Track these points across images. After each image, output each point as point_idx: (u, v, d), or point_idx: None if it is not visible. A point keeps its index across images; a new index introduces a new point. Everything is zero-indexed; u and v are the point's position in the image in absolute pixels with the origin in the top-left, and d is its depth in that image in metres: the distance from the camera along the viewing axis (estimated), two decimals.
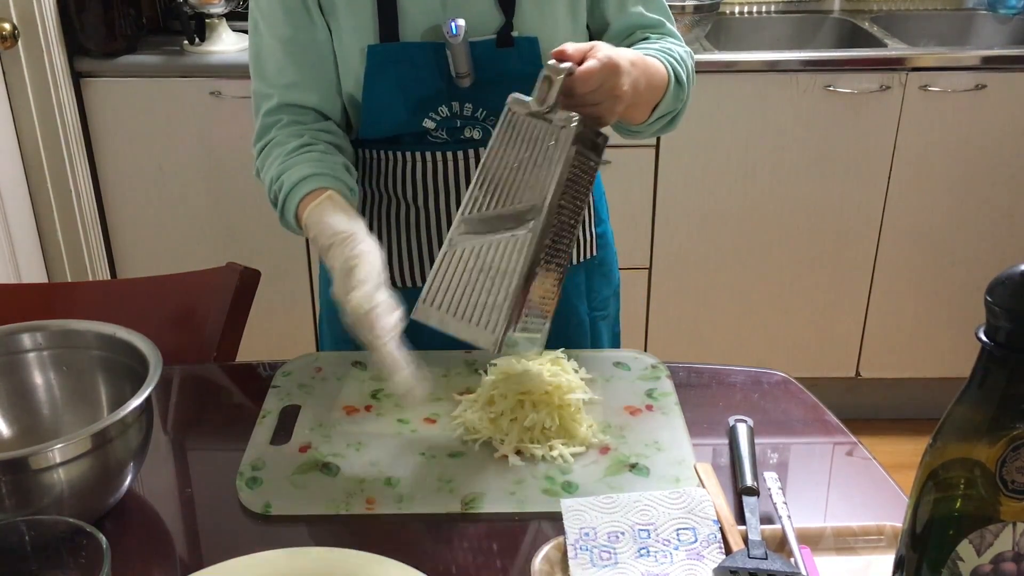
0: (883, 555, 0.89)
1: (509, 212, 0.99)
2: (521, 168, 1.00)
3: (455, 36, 1.13)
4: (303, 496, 0.98)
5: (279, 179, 1.16)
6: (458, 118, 1.20)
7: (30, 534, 0.79)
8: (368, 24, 1.16)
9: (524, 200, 0.99)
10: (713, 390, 1.19)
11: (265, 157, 1.20)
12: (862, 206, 2.47)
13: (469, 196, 1.00)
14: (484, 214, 0.99)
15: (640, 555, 0.88)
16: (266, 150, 1.20)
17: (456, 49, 1.14)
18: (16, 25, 2.27)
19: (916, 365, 2.65)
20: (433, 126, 1.20)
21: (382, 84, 1.17)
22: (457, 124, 1.21)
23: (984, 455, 0.63)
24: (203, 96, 2.38)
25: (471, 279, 0.98)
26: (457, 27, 1.13)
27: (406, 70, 1.17)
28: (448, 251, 0.99)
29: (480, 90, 1.18)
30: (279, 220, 1.20)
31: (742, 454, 1.01)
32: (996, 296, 0.60)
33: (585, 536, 0.89)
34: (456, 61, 1.15)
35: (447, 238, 1.00)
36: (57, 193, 2.43)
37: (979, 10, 2.77)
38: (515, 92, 1.02)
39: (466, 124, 1.21)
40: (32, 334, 1.05)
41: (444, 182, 1.24)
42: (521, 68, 1.18)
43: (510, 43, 1.17)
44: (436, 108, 1.19)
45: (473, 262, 0.98)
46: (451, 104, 1.19)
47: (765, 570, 0.85)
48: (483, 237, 0.99)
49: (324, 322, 1.41)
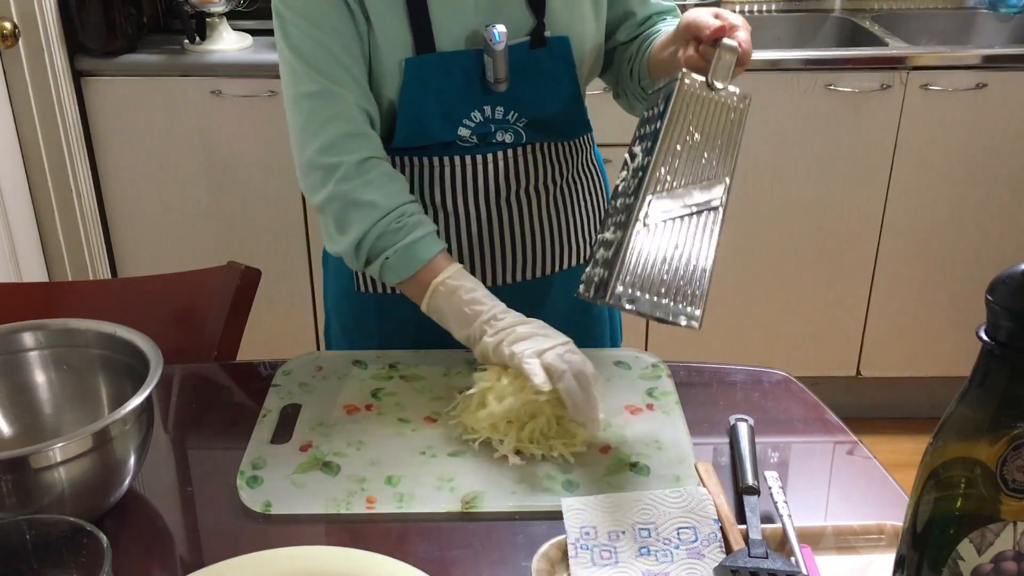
0: (884, 554, 0.89)
1: (695, 189, 0.99)
2: (702, 145, 1.00)
3: (498, 43, 1.13)
4: (304, 495, 0.98)
5: (413, 216, 1.13)
6: (491, 122, 1.20)
7: (31, 533, 0.79)
8: (403, 37, 1.14)
9: (706, 176, 1.00)
10: (714, 389, 1.19)
11: (372, 181, 1.14)
12: (863, 205, 2.47)
13: (651, 177, 0.97)
14: (672, 192, 0.98)
15: (641, 554, 0.88)
16: (372, 173, 1.14)
17: (498, 56, 1.14)
18: (17, 24, 2.27)
19: (917, 364, 2.64)
20: (468, 133, 1.20)
21: (420, 96, 1.17)
22: (491, 129, 1.21)
23: (985, 454, 0.63)
24: (204, 95, 2.38)
25: (666, 258, 0.96)
26: (500, 34, 1.13)
27: (443, 80, 1.16)
28: (641, 231, 0.96)
29: (512, 92, 1.18)
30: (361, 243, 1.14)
31: (743, 453, 1.01)
32: (997, 295, 0.60)
33: (586, 535, 0.89)
34: (496, 67, 1.15)
35: (636, 218, 0.96)
36: (58, 192, 2.43)
37: (980, 9, 2.77)
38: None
39: (499, 128, 1.21)
40: (33, 333, 1.05)
41: (473, 185, 1.23)
42: (553, 67, 1.19)
43: (543, 43, 1.18)
44: (469, 114, 1.19)
45: (667, 241, 0.96)
46: (483, 108, 1.19)
47: (766, 569, 0.85)
48: (673, 216, 0.97)
49: (332, 320, 1.40)
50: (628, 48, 1.28)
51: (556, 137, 1.25)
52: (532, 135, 1.23)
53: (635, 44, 1.27)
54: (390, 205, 1.13)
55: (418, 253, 1.12)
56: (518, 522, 0.94)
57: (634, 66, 1.27)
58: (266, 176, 2.45)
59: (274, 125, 2.40)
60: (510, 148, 1.22)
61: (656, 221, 0.97)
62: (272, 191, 2.47)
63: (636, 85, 1.28)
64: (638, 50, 1.26)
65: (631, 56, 1.27)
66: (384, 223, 1.12)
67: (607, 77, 1.34)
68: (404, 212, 1.13)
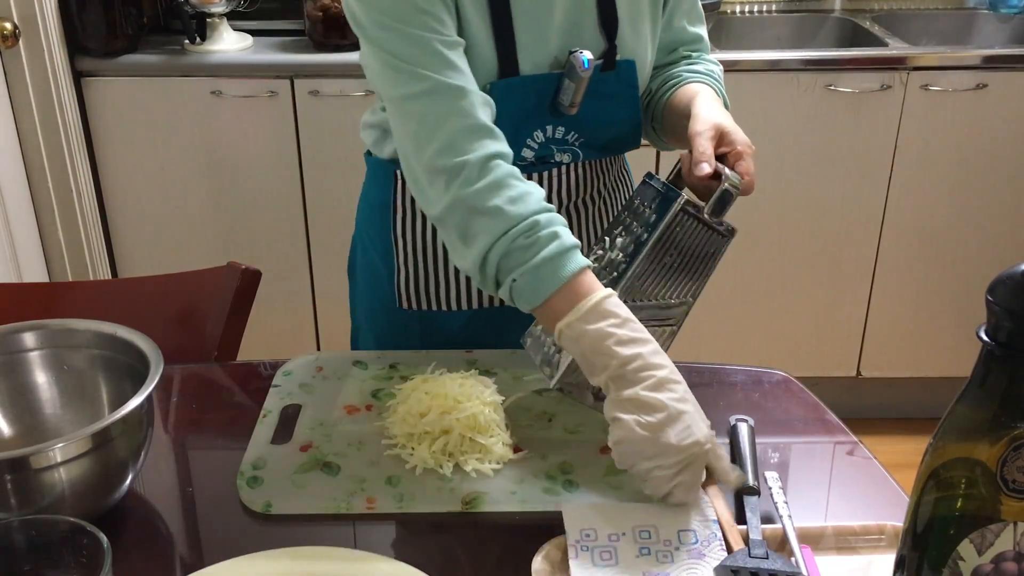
0: (884, 554, 0.89)
1: (660, 306, 1.05)
2: (680, 267, 1.05)
3: (587, 70, 1.12)
4: (304, 495, 0.98)
5: (550, 228, 0.99)
6: (552, 143, 1.19)
7: (31, 533, 0.79)
8: (489, 60, 1.12)
9: (673, 294, 1.05)
10: (714, 389, 1.19)
11: (499, 185, 1.01)
12: (863, 205, 2.47)
13: (624, 287, 1.02)
14: (637, 304, 1.03)
15: (641, 555, 0.88)
16: (495, 173, 1.02)
17: (581, 82, 1.13)
18: (17, 24, 2.27)
19: (917, 364, 2.64)
20: (531, 155, 1.19)
21: (500, 118, 1.10)
22: (552, 150, 1.20)
23: (985, 454, 0.63)
24: (204, 95, 2.38)
25: None
26: (588, 61, 1.12)
27: (518, 103, 1.15)
28: None
29: (585, 109, 1.17)
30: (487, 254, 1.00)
31: (743, 453, 1.01)
32: (997, 295, 0.60)
33: (586, 536, 0.89)
34: (576, 93, 1.15)
35: None
36: (58, 192, 2.43)
37: (980, 9, 2.77)
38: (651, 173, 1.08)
39: (558, 148, 1.20)
40: (33, 333, 1.05)
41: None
42: (619, 90, 1.19)
43: (613, 66, 1.17)
44: (533, 135, 1.18)
45: None
46: (546, 129, 1.18)
47: (766, 569, 0.85)
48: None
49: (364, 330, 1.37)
50: (649, 84, 1.27)
51: (608, 154, 1.25)
52: (588, 153, 1.22)
53: (655, 81, 1.26)
54: (521, 214, 0.99)
55: (552, 274, 0.97)
56: (518, 522, 0.94)
57: (650, 105, 1.26)
58: (266, 176, 2.45)
59: (274, 125, 2.40)
60: (565, 166, 1.21)
61: None
62: (272, 191, 2.47)
63: (648, 125, 1.28)
64: (658, 90, 1.25)
65: (650, 93, 1.26)
66: (511, 235, 0.99)
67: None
68: (537, 223, 0.99)
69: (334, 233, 2.46)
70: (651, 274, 1.04)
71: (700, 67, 1.25)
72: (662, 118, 1.25)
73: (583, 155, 1.22)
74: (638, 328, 0.95)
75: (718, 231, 1.05)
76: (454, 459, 1.02)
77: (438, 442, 1.02)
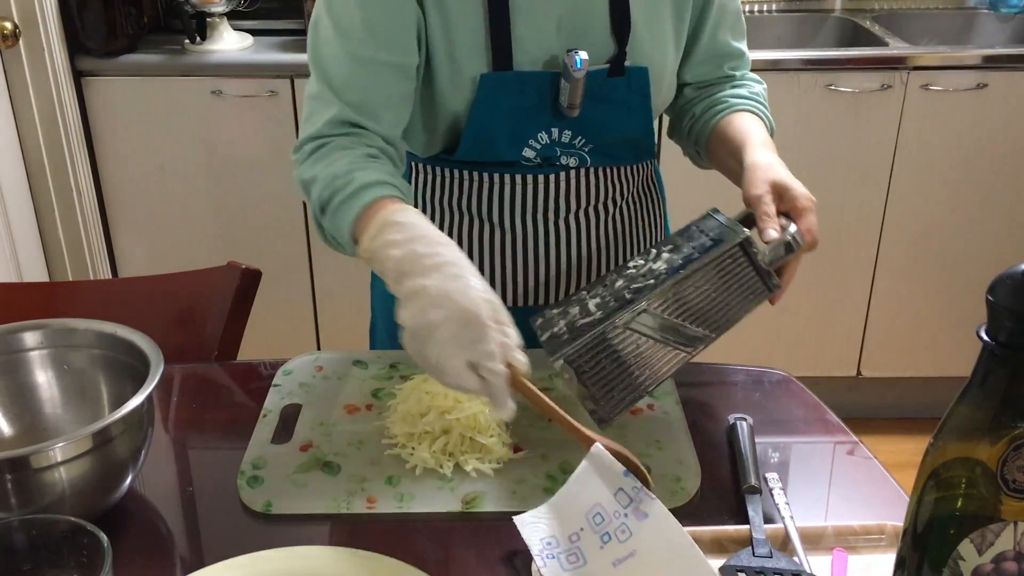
0: (884, 554, 0.89)
1: (684, 329, 1.01)
2: (716, 301, 1.02)
3: (579, 70, 1.11)
4: (304, 495, 0.98)
5: (348, 175, 1.02)
6: (556, 145, 1.18)
7: (31, 533, 0.79)
8: (482, 51, 1.11)
9: (701, 326, 1.01)
10: (714, 389, 1.19)
11: (321, 157, 1.07)
12: (863, 205, 2.47)
13: (659, 292, 0.99)
14: (664, 319, 1.00)
15: (604, 543, 0.86)
16: (323, 150, 1.08)
17: (576, 83, 1.12)
18: (17, 24, 2.27)
19: (917, 364, 2.64)
20: (533, 155, 1.18)
21: (489, 113, 1.14)
22: (556, 152, 1.19)
23: (985, 454, 0.63)
24: (204, 95, 2.38)
25: (619, 362, 0.98)
26: (582, 61, 1.11)
27: (515, 99, 1.14)
28: (615, 330, 0.98)
29: (582, 118, 1.16)
30: (319, 219, 1.07)
31: (743, 453, 1.01)
32: (997, 295, 0.60)
33: (548, 545, 0.87)
34: (572, 93, 1.13)
35: (619, 320, 0.97)
36: (58, 192, 2.43)
37: (980, 9, 2.77)
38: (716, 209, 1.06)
39: (563, 152, 1.19)
40: (33, 333, 1.05)
41: (533, 204, 1.21)
42: (629, 98, 1.17)
43: (622, 72, 1.15)
44: (536, 135, 1.17)
45: (630, 350, 0.98)
46: (551, 131, 1.17)
47: (771, 569, 0.85)
48: (648, 335, 0.99)
49: (379, 323, 1.38)
50: (692, 104, 1.26)
51: (620, 162, 1.23)
52: (597, 159, 1.20)
53: (699, 104, 1.25)
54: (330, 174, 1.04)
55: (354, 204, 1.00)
56: None
57: (694, 131, 1.25)
58: (266, 176, 2.45)
59: (275, 125, 2.40)
60: (573, 170, 1.20)
61: (634, 329, 0.98)
62: (272, 191, 2.47)
63: (691, 147, 1.27)
64: (702, 114, 1.23)
65: (693, 116, 1.25)
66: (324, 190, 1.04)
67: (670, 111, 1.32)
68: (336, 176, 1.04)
69: None
70: (688, 293, 1.01)
71: (744, 90, 1.23)
72: (707, 145, 1.23)
73: (591, 161, 1.20)
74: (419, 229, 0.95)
75: (766, 282, 1.03)
76: (454, 459, 1.02)
77: (438, 442, 1.02)
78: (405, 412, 1.04)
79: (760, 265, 1.02)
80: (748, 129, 1.16)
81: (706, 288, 1.01)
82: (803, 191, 1.05)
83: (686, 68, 1.24)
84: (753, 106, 1.22)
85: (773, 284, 1.03)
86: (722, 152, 1.20)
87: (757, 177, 1.05)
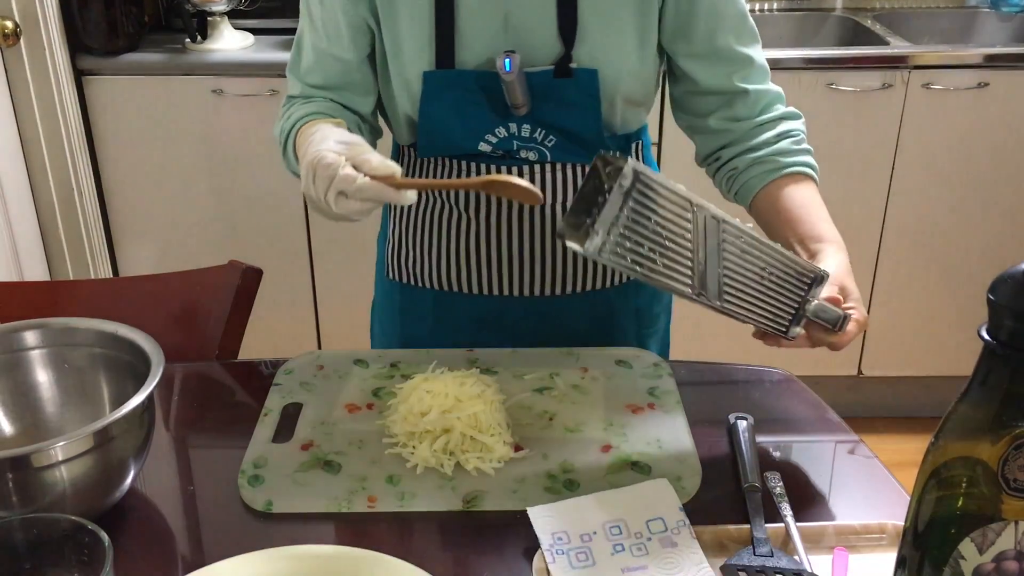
0: (885, 553, 0.89)
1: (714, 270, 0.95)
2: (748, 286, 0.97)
3: (508, 73, 1.11)
4: (305, 494, 0.98)
5: (290, 119, 1.18)
6: (515, 139, 1.19)
7: (32, 532, 0.79)
8: (426, 49, 1.14)
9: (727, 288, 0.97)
10: (715, 388, 1.19)
11: (287, 116, 1.21)
12: (864, 204, 2.47)
13: (737, 227, 0.94)
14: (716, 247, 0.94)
15: (616, 552, 0.88)
16: (291, 110, 1.21)
17: (510, 85, 1.13)
18: (18, 23, 2.27)
19: (918, 363, 2.64)
20: (489, 149, 1.19)
21: (437, 109, 1.16)
22: (514, 146, 1.19)
23: (986, 453, 0.63)
24: (205, 94, 2.38)
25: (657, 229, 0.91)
26: (510, 64, 1.11)
27: (461, 96, 1.15)
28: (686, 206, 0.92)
29: (538, 112, 1.16)
30: (283, 162, 1.22)
31: (744, 451, 1.01)
32: (998, 294, 0.60)
33: (559, 540, 0.89)
34: (510, 94, 1.14)
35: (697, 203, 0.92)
36: (59, 191, 2.43)
37: (981, 8, 2.77)
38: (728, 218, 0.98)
39: (522, 146, 1.19)
40: (34, 332, 1.05)
41: (496, 197, 1.22)
42: (578, 99, 1.16)
43: (569, 74, 1.14)
44: (493, 130, 1.18)
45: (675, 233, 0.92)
46: (508, 126, 1.18)
47: (772, 568, 0.85)
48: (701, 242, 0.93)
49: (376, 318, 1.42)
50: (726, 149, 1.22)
51: (584, 160, 1.22)
52: (558, 155, 1.20)
53: (729, 148, 1.21)
54: (288, 126, 1.18)
55: (290, 140, 1.15)
56: (519, 521, 0.94)
57: (735, 184, 1.21)
58: (268, 175, 2.45)
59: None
60: (536, 164, 1.20)
61: (699, 221, 0.93)
62: (273, 190, 2.47)
63: (726, 191, 1.24)
64: (745, 169, 1.20)
65: (734, 172, 1.21)
66: (281, 138, 1.19)
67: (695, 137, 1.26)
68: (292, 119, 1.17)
69: (335, 231, 2.46)
70: (746, 254, 0.95)
71: (787, 142, 1.20)
72: (750, 205, 1.20)
73: (552, 156, 1.20)
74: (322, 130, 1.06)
75: (789, 322, 1.00)
76: (455, 458, 1.02)
77: (439, 441, 1.02)
78: (406, 411, 1.04)
79: (804, 305, 1.00)
80: (813, 216, 1.13)
81: (763, 271, 0.97)
82: (863, 310, 1.05)
83: (688, 65, 1.20)
84: (805, 169, 1.19)
85: (792, 331, 1.01)
86: (777, 222, 1.15)
87: (830, 279, 1.04)
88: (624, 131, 1.24)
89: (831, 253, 1.09)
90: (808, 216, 1.14)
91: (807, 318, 1.01)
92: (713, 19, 1.17)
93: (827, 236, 1.12)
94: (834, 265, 1.06)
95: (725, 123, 1.21)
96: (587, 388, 1.15)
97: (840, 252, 1.10)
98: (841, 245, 1.12)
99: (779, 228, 1.15)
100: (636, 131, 1.27)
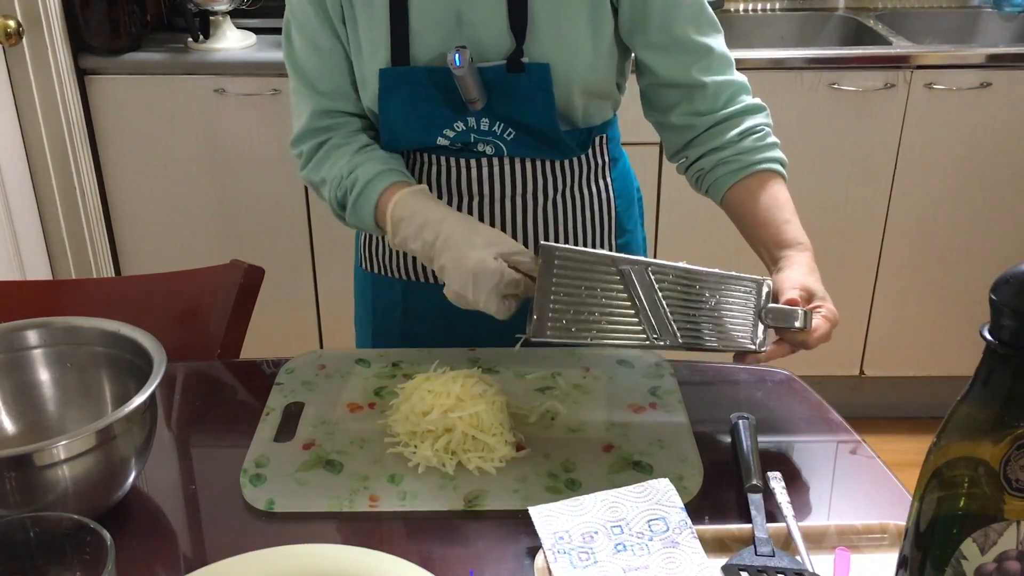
0: (886, 553, 0.89)
1: (662, 314, 1.02)
2: (703, 316, 1.03)
3: (459, 68, 1.13)
4: (306, 493, 0.98)
5: (352, 174, 1.18)
6: (473, 132, 1.20)
7: (34, 531, 0.79)
8: (382, 46, 1.16)
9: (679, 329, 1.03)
10: (717, 388, 1.19)
11: (323, 159, 1.22)
12: (866, 204, 2.46)
13: (666, 267, 1.02)
14: (655, 291, 1.01)
15: (617, 551, 0.88)
16: (323, 151, 1.22)
17: (462, 79, 1.14)
18: (21, 22, 2.27)
19: (920, 364, 2.64)
20: (447, 143, 1.21)
21: (395, 105, 1.18)
22: (471, 139, 1.20)
23: (988, 454, 0.63)
24: (207, 93, 2.38)
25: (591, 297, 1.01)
26: (460, 58, 1.12)
27: (418, 92, 1.17)
28: (611, 265, 1.00)
29: (495, 107, 1.17)
30: (341, 215, 1.21)
31: (745, 451, 1.01)
32: (1001, 294, 0.60)
33: (560, 540, 0.89)
34: (463, 89, 1.15)
35: (620, 258, 1.01)
36: (61, 190, 2.43)
37: (984, 8, 2.77)
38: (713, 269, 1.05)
39: (480, 139, 1.20)
40: (37, 331, 1.05)
41: (457, 187, 1.24)
42: (531, 93, 1.16)
43: (520, 69, 1.15)
44: (452, 125, 1.19)
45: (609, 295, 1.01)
46: (467, 120, 1.19)
47: (773, 567, 0.85)
48: (635, 295, 1.01)
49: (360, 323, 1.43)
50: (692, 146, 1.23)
51: (542, 155, 1.22)
52: (515, 149, 1.21)
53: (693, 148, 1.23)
54: (337, 174, 1.19)
55: (367, 202, 1.16)
56: (520, 521, 0.94)
57: (704, 182, 1.24)
58: (270, 174, 2.45)
59: (278, 123, 2.40)
60: (493, 158, 1.22)
61: (626, 275, 1.01)
62: (275, 189, 2.47)
63: (693, 184, 1.27)
64: (711, 168, 1.21)
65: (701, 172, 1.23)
66: (337, 191, 1.19)
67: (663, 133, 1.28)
68: (349, 172, 1.18)
69: (337, 231, 2.46)
70: (689, 289, 1.02)
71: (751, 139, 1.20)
72: (722, 200, 1.22)
73: (508, 150, 1.21)
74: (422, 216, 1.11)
75: (753, 336, 1.04)
76: (456, 457, 1.02)
77: (441, 440, 1.02)
78: (408, 410, 1.04)
79: (762, 315, 1.04)
80: (778, 218, 1.17)
81: (705, 297, 1.03)
82: (831, 306, 1.08)
83: (647, 56, 1.20)
84: (772, 166, 1.20)
85: (760, 342, 1.05)
86: (743, 225, 1.20)
87: (790, 281, 1.08)
88: (587, 124, 1.24)
89: (793, 259, 1.12)
90: (772, 219, 1.17)
91: (767, 325, 1.05)
92: (669, 9, 1.17)
93: (789, 241, 1.15)
94: (795, 271, 1.10)
95: (688, 118, 1.22)
96: (589, 388, 1.15)
97: (801, 254, 1.13)
98: (804, 246, 1.14)
99: (747, 231, 1.21)
100: (600, 125, 1.26)
